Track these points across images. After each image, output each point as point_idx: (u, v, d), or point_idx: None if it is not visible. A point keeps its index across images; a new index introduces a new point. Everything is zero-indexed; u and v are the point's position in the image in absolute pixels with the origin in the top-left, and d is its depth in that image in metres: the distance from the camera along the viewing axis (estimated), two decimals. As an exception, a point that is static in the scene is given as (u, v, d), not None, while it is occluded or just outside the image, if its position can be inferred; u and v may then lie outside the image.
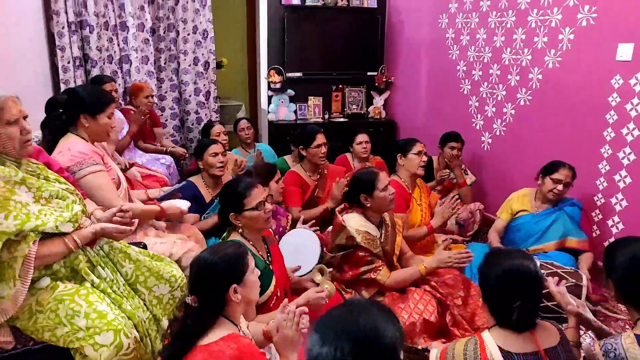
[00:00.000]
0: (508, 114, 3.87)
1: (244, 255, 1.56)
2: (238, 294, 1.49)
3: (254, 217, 2.03)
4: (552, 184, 2.96)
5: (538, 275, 1.50)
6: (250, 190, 2.04)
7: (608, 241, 3.16)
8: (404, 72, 5.25)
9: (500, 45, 3.87)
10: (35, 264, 1.58)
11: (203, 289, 1.48)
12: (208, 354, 1.37)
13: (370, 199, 2.42)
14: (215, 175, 3.06)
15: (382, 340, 1.01)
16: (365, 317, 1.04)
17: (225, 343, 1.39)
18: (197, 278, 1.51)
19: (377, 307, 1.10)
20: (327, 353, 0.99)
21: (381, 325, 1.03)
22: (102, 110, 2.21)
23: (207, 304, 1.46)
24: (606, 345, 1.55)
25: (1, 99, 1.57)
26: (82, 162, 2.09)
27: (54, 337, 1.63)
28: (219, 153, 3.03)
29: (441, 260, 2.38)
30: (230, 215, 2.04)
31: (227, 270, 1.49)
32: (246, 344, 1.41)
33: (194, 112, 4.87)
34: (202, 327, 1.44)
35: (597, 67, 3.11)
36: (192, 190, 3.04)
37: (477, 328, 2.34)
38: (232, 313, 1.51)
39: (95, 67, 4.21)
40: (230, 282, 1.48)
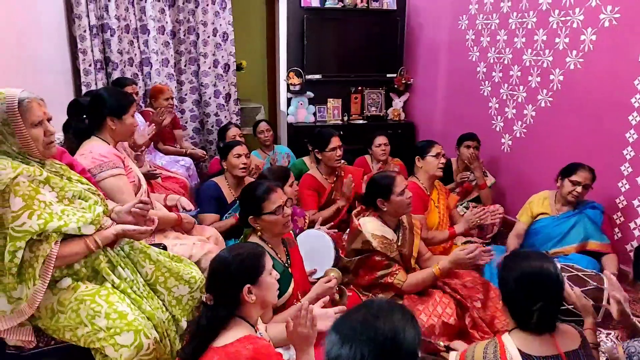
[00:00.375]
0: (528, 115, 3.82)
1: (261, 255, 1.56)
2: (252, 294, 1.49)
3: (272, 221, 2.03)
4: (571, 186, 2.92)
5: (559, 277, 1.49)
6: (270, 194, 2.04)
7: (630, 244, 3.10)
8: (424, 74, 5.22)
9: (521, 47, 3.82)
10: (56, 264, 1.61)
11: (218, 287, 1.49)
12: (225, 354, 1.38)
13: (387, 203, 2.41)
14: (238, 176, 3.09)
15: (401, 343, 1.02)
16: (385, 319, 1.04)
17: (241, 344, 1.39)
18: (212, 276, 1.53)
19: (397, 308, 1.10)
20: (347, 354, 1.00)
21: (401, 328, 1.03)
22: (127, 111, 2.27)
23: (222, 302, 1.47)
24: (630, 347, 1.53)
25: (27, 100, 1.61)
26: (102, 164, 2.13)
27: (75, 337, 1.66)
28: (242, 154, 3.06)
29: (454, 260, 2.35)
30: (250, 218, 2.05)
31: (241, 269, 1.49)
32: (263, 345, 1.42)
33: (214, 114, 4.92)
34: (216, 325, 1.45)
35: (620, 68, 3.06)
36: (215, 191, 3.07)
37: (496, 331, 2.31)
38: (247, 313, 1.51)
39: (116, 70, 4.29)
40: (244, 281, 1.48)
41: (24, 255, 1.55)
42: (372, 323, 1.03)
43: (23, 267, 1.57)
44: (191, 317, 1.93)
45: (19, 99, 1.60)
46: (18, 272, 1.56)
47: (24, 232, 1.52)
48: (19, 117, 1.59)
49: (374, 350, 0.99)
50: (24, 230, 1.52)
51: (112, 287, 1.77)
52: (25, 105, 1.60)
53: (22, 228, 1.52)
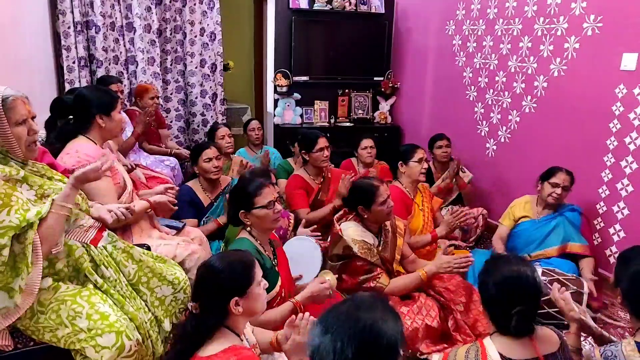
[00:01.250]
0: (513, 121, 3.87)
1: (251, 267, 1.53)
2: (240, 306, 1.46)
3: (263, 215, 2.05)
4: (550, 188, 2.99)
5: (536, 281, 1.51)
6: (262, 189, 2.07)
7: (609, 249, 3.16)
8: (411, 78, 5.26)
9: (506, 53, 3.87)
10: (44, 249, 1.57)
11: (204, 298, 1.46)
12: None
13: (368, 211, 2.43)
14: (212, 179, 3.07)
15: (382, 335, 1.04)
16: (368, 312, 1.07)
17: (225, 356, 1.37)
18: (199, 285, 1.50)
19: (381, 303, 1.13)
20: (328, 343, 1.03)
21: (381, 321, 1.06)
22: (114, 107, 2.25)
23: (208, 312, 1.45)
24: (606, 352, 1.55)
25: (11, 98, 1.59)
26: (87, 165, 2.09)
27: (55, 338, 1.64)
28: (212, 158, 3.02)
29: (441, 265, 2.36)
30: (240, 213, 2.06)
31: (229, 282, 1.46)
32: (247, 356, 1.39)
33: (200, 114, 4.89)
34: (201, 335, 1.43)
35: (602, 76, 3.12)
36: (189, 195, 3.04)
37: (478, 334, 2.34)
38: (234, 324, 1.49)
39: (101, 68, 4.25)
40: (231, 294, 1.45)
41: (15, 248, 1.52)
42: (354, 314, 1.07)
43: (17, 261, 1.53)
44: (174, 318, 1.91)
45: (3, 96, 1.57)
46: (13, 266, 1.53)
47: (6, 228, 1.49)
48: (3, 115, 1.56)
49: (354, 340, 1.02)
50: (5, 227, 1.49)
51: (95, 287, 1.75)
52: (10, 103, 1.58)
53: (3, 225, 1.49)
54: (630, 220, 3.03)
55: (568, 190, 3.00)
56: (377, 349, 1.04)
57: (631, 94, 2.95)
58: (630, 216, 3.02)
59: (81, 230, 1.80)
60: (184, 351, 1.42)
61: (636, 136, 2.94)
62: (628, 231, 3.05)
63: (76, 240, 1.77)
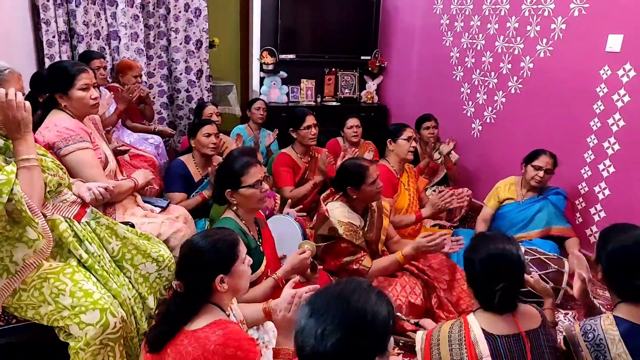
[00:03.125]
0: (499, 101, 3.88)
1: (235, 244, 1.52)
2: (225, 284, 1.46)
3: (249, 195, 2.02)
4: (534, 171, 3.03)
5: (520, 258, 1.53)
6: (249, 168, 2.04)
7: (590, 229, 3.22)
8: (398, 57, 5.23)
9: (493, 33, 3.86)
10: (35, 200, 1.56)
11: (189, 276, 1.46)
12: (194, 339, 1.37)
13: (357, 191, 2.42)
14: (207, 155, 3.06)
15: (370, 326, 1.02)
16: (358, 298, 1.04)
17: (211, 329, 1.38)
18: (184, 264, 1.49)
19: (373, 289, 1.09)
20: (312, 326, 1.00)
21: (371, 311, 1.03)
22: (72, 85, 2.13)
23: (193, 290, 1.44)
24: (585, 326, 1.59)
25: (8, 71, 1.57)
26: (68, 138, 2.05)
27: (38, 316, 1.63)
28: (212, 134, 3.03)
29: (417, 247, 2.36)
30: (226, 192, 2.04)
31: (214, 259, 1.45)
32: (232, 330, 1.40)
33: (185, 90, 4.81)
34: (186, 313, 1.43)
35: (587, 58, 3.13)
36: (182, 169, 3.04)
37: (461, 311, 2.38)
38: (219, 300, 1.49)
39: (82, 43, 4.13)
40: (216, 272, 1.45)
41: (8, 206, 1.48)
42: (344, 300, 1.04)
43: (16, 217, 1.52)
44: (159, 295, 1.91)
45: (1, 67, 1.54)
46: (15, 223, 1.52)
47: None
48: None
49: (337, 326, 0.99)
50: None
51: (78, 264, 1.73)
52: (6, 75, 1.56)
53: None
54: (610, 200, 3.09)
55: (551, 173, 3.03)
56: (362, 340, 1.00)
57: (615, 75, 2.97)
58: (611, 197, 3.08)
59: (64, 205, 1.78)
60: (169, 329, 1.42)
61: (619, 117, 2.97)
62: (608, 211, 3.11)
63: (60, 215, 1.75)
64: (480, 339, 1.48)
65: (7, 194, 1.45)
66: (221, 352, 1.33)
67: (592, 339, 1.55)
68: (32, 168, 1.59)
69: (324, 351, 0.97)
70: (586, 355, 1.56)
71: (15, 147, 1.60)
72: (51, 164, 1.75)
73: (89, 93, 2.17)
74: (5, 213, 1.48)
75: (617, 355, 1.50)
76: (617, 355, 1.50)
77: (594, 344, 1.55)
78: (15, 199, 1.48)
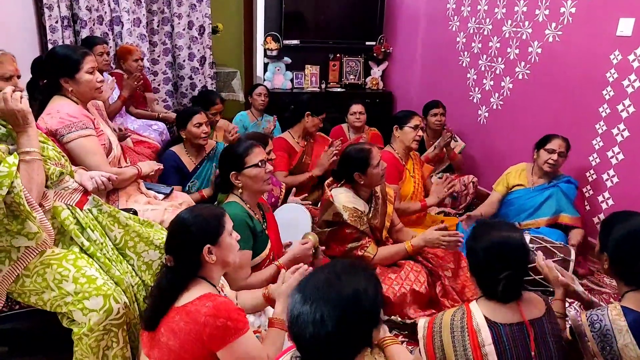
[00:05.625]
0: (506, 87, 3.83)
1: (221, 216, 1.55)
2: (213, 255, 1.48)
3: (254, 175, 2.05)
4: (547, 154, 2.98)
5: (524, 246, 1.51)
6: (252, 149, 2.08)
7: (598, 217, 3.18)
8: (403, 43, 5.16)
9: (501, 17, 3.79)
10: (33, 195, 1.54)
11: (177, 248, 1.48)
12: (185, 313, 1.39)
13: (364, 176, 2.40)
14: (199, 144, 3.03)
15: (361, 303, 1.05)
16: (347, 279, 1.08)
17: (200, 302, 1.40)
18: (172, 237, 1.51)
19: (360, 269, 1.13)
20: (307, 312, 1.03)
21: (362, 288, 1.07)
22: (78, 68, 2.11)
23: (182, 263, 1.47)
24: (592, 316, 1.57)
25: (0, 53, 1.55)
26: (71, 125, 2.04)
27: (41, 301, 1.63)
28: (202, 123, 2.99)
29: (429, 240, 2.37)
30: (231, 174, 2.05)
31: (200, 229, 1.48)
32: (222, 302, 1.42)
33: (188, 77, 4.78)
34: (177, 287, 1.45)
35: (597, 42, 3.07)
36: (174, 160, 3.01)
37: (466, 300, 2.37)
38: (208, 274, 1.52)
39: (85, 28, 4.10)
40: (204, 242, 1.47)
41: (6, 199, 1.47)
42: (334, 282, 1.07)
43: (15, 209, 1.51)
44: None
45: None
46: (15, 217, 1.52)
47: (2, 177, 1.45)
48: None
49: (333, 309, 1.03)
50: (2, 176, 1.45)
51: (81, 250, 1.73)
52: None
53: None
54: (619, 188, 3.05)
55: (564, 156, 2.99)
56: (358, 317, 1.04)
57: (626, 60, 2.91)
58: (620, 184, 3.04)
59: (66, 193, 1.78)
60: (161, 305, 1.44)
61: (629, 104, 2.92)
62: (617, 199, 3.07)
63: (61, 202, 1.75)
64: (482, 326, 1.46)
65: (8, 187, 1.44)
66: (212, 323, 1.36)
67: (598, 329, 1.53)
68: (32, 161, 1.58)
69: (325, 334, 1.01)
70: (592, 345, 1.54)
71: (17, 139, 1.60)
72: (52, 153, 1.74)
73: (95, 76, 2.16)
74: (4, 206, 1.47)
75: (623, 346, 1.48)
76: (623, 346, 1.48)
77: (601, 335, 1.53)
78: (14, 192, 1.47)
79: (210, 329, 1.35)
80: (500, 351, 1.43)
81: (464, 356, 1.44)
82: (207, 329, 1.35)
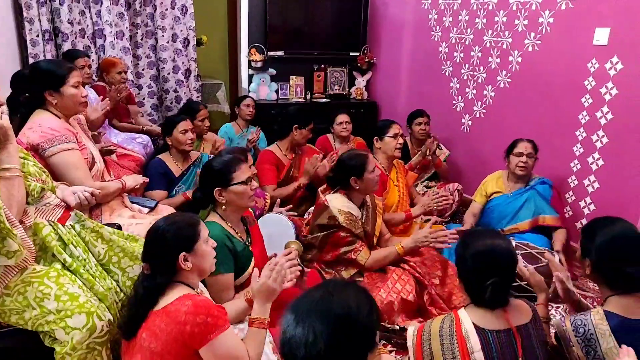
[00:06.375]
0: (488, 96, 3.88)
1: (196, 224, 1.56)
2: (189, 262, 1.50)
3: (240, 192, 1.99)
4: (516, 158, 3.05)
5: (511, 254, 1.53)
6: (240, 165, 2.03)
7: (580, 222, 3.23)
8: (387, 53, 5.21)
9: (482, 27, 3.86)
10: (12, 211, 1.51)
11: (153, 256, 1.50)
12: (165, 315, 1.40)
13: (360, 181, 2.43)
14: (185, 150, 3.06)
15: (355, 320, 1.03)
16: (340, 299, 1.05)
17: (180, 302, 1.41)
18: (148, 245, 1.53)
19: (353, 288, 1.10)
20: (301, 334, 1.00)
21: (354, 305, 1.04)
22: (64, 82, 2.09)
23: (159, 270, 1.48)
24: (576, 321, 1.59)
25: None
26: (53, 138, 2.01)
27: (22, 321, 1.59)
28: (188, 130, 3.03)
29: (418, 239, 2.40)
30: (215, 191, 1.98)
31: (176, 237, 1.50)
32: (202, 299, 1.44)
33: (173, 90, 4.76)
34: (154, 292, 1.46)
35: (575, 51, 3.14)
36: (162, 167, 3.03)
37: (453, 307, 2.37)
38: (186, 279, 1.53)
39: (67, 42, 4.07)
40: (179, 249, 1.49)
41: None
42: (326, 301, 1.04)
43: None
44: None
45: None
46: None
47: None
48: None
49: (326, 330, 1.00)
50: None
51: (63, 267, 1.70)
52: None
53: None
54: (600, 193, 3.10)
55: (533, 157, 3.04)
56: (352, 338, 1.02)
57: (603, 68, 2.98)
58: (600, 189, 3.09)
59: (48, 209, 1.75)
60: (139, 312, 1.44)
61: (607, 110, 2.98)
62: (598, 204, 3.12)
63: (43, 218, 1.72)
64: (471, 333, 1.47)
65: None
66: (192, 320, 1.37)
67: (582, 334, 1.55)
68: (12, 178, 1.55)
69: (318, 356, 0.98)
70: (577, 350, 1.55)
71: None
72: (33, 169, 1.71)
73: (80, 91, 2.15)
74: None
75: (608, 350, 1.50)
76: (608, 350, 1.50)
77: (585, 339, 1.54)
78: None
79: (190, 327, 1.36)
80: (488, 357, 1.44)
81: (453, 364, 1.45)
82: (188, 327, 1.36)
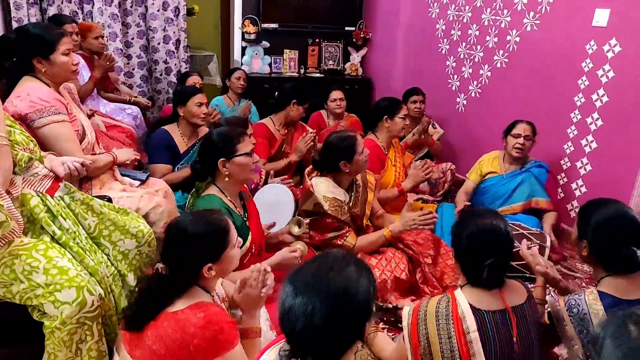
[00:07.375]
0: (484, 75, 3.85)
1: (226, 232, 1.48)
2: (213, 270, 1.43)
3: (244, 163, 1.98)
4: (514, 139, 3.04)
5: (509, 234, 1.52)
6: (244, 137, 2.01)
7: (571, 204, 3.25)
8: (383, 29, 5.12)
9: (480, 5, 3.79)
10: None
11: (176, 262, 1.41)
12: (174, 322, 1.34)
13: (349, 164, 2.36)
14: (196, 124, 2.94)
15: (353, 295, 1.04)
16: (339, 271, 1.06)
17: (192, 312, 1.35)
18: (171, 248, 1.44)
19: (352, 261, 1.11)
20: (300, 304, 1.02)
21: (354, 280, 1.05)
22: (54, 49, 2.00)
23: (179, 277, 1.41)
24: (570, 301, 1.60)
25: None
26: (42, 109, 1.93)
27: (9, 294, 1.56)
28: (203, 103, 2.90)
29: (405, 223, 2.35)
30: (220, 161, 1.95)
31: (204, 250, 1.42)
32: (214, 312, 1.37)
33: (163, 61, 4.63)
34: (169, 296, 1.40)
35: (574, 32, 3.10)
36: (166, 139, 2.90)
37: (445, 286, 2.39)
38: (205, 284, 1.47)
39: (52, 6, 3.91)
40: (205, 261, 1.42)
41: None
42: (325, 275, 1.05)
43: None
44: (139, 272, 1.85)
45: None
46: None
47: None
48: None
49: (325, 301, 1.01)
50: None
51: (52, 240, 1.66)
52: None
53: None
54: (592, 176, 3.11)
55: (531, 140, 3.04)
56: (350, 311, 1.03)
57: (601, 50, 2.95)
58: (593, 172, 3.10)
59: (36, 179, 1.69)
60: (151, 310, 1.38)
61: (603, 93, 2.97)
62: (590, 187, 3.13)
63: (31, 189, 1.66)
64: (467, 314, 1.47)
65: None
66: (201, 334, 1.31)
67: (576, 314, 1.56)
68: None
69: (317, 328, 1.00)
70: (570, 329, 1.57)
71: None
72: (20, 137, 1.65)
73: (70, 58, 2.06)
74: None
75: (601, 329, 1.51)
76: (601, 329, 1.51)
77: (578, 319, 1.56)
78: None
79: (199, 340, 1.31)
80: (484, 337, 1.44)
81: (449, 343, 1.45)
82: (196, 340, 1.31)
